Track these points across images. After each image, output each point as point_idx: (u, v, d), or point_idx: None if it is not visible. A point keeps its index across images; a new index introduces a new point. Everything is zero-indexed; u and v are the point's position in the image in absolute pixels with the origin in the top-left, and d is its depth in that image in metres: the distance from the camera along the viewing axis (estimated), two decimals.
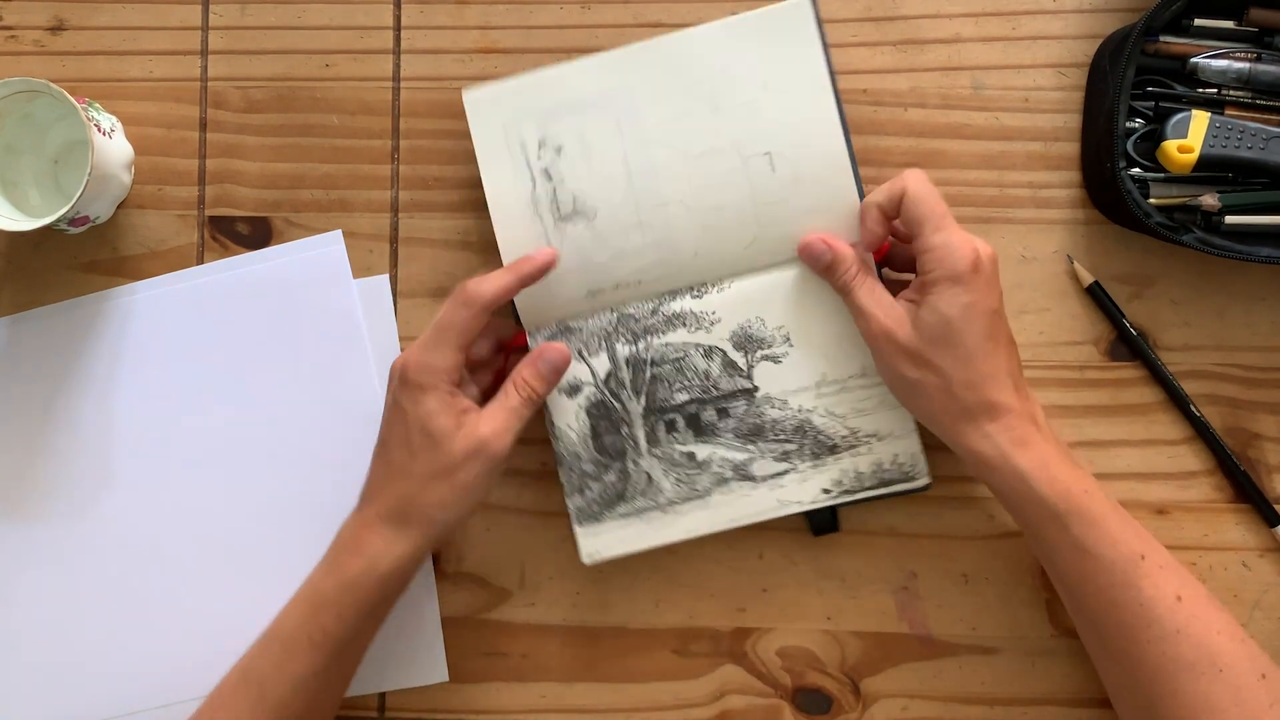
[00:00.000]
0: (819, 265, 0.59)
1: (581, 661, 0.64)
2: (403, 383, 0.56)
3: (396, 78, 0.66)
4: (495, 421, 0.56)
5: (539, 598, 0.64)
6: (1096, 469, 0.63)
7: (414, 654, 0.64)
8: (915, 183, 0.56)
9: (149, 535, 0.65)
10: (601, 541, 0.61)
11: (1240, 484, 0.62)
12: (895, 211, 0.57)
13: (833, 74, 0.59)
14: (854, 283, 0.57)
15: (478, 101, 0.61)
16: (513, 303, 0.60)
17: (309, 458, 0.63)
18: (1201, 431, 0.62)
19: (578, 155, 0.60)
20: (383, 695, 0.64)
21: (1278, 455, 0.63)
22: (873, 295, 0.57)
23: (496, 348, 0.62)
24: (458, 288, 0.57)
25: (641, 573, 0.64)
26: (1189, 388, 0.63)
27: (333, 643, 0.55)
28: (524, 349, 0.61)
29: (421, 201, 0.66)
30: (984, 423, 0.54)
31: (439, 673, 0.64)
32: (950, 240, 0.54)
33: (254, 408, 0.65)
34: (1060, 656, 0.62)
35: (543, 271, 0.59)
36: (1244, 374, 0.63)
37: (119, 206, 0.66)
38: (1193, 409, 0.62)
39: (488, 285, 0.56)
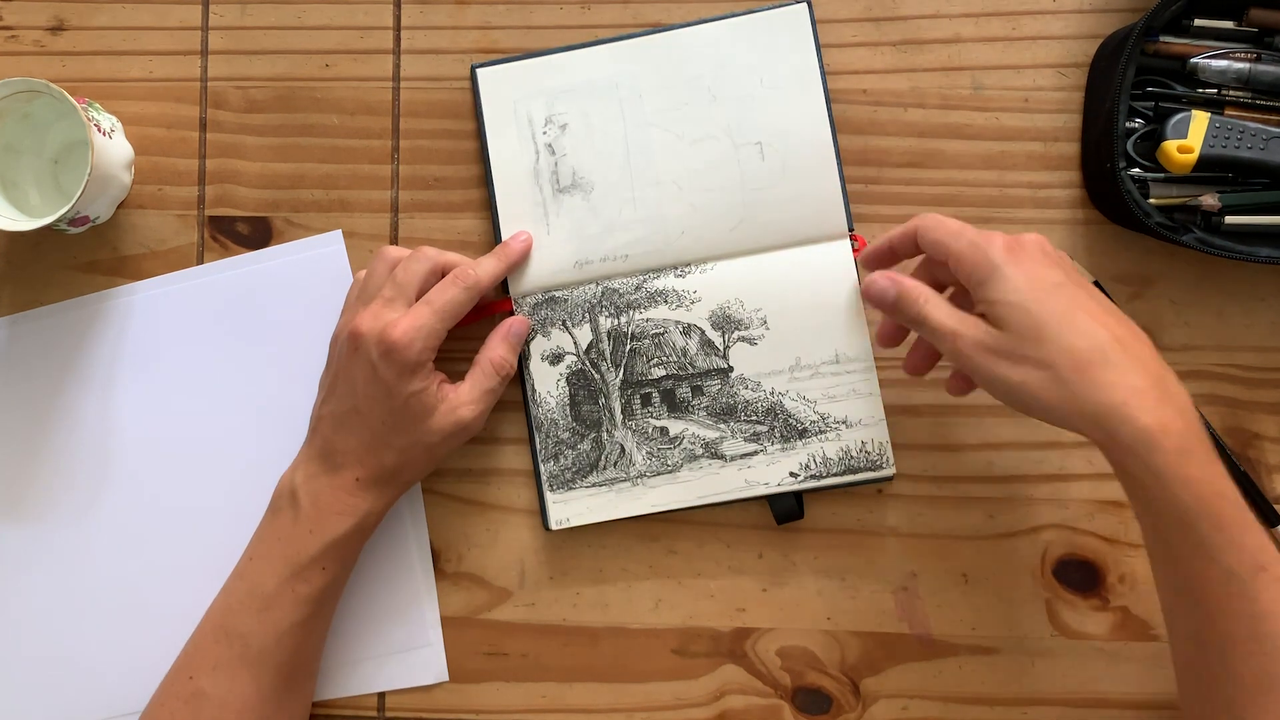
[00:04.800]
0: (884, 301, 0.57)
1: (581, 661, 0.64)
2: (387, 354, 0.57)
3: (396, 78, 0.66)
4: (474, 402, 0.60)
5: (539, 598, 0.64)
6: (1097, 470, 0.63)
7: (414, 654, 0.64)
8: (923, 216, 0.56)
9: (149, 535, 0.65)
10: (571, 509, 0.62)
11: (1240, 484, 0.62)
12: (908, 249, 0.57)
13: (824, 74, 0.62)
14: (927, 308, 0.55)
15: (489, 77, 0.64)
16: None
17: None
18: None
19: (581, 133, 0.63)
20: (382, 695, 0.64)
21: (1278, 455, 0.63)
22: (951, 313, 0.54)
23: (475, 309, 0.63)
24: (455, 271, 0.60)
25: (641, 573, 0.64)
26: (1189, 388, 0.62)
27: (318, 594, 0.59)
28: (509, 313, 0.63)
29: (421, 201, 0.66)
30: (1109, 409, 0.50)
31: (439, 673, 0.64)
32: (977, 238, 0.54)
33: (254, 407, 0.65)
34: (1060, 656, 0.62)
35: (525, 252, 0.63)
36: (1244, 374, 0.63)
37: (119, 206, 0.66)
38: None
39: (484, 270, 0.61)
